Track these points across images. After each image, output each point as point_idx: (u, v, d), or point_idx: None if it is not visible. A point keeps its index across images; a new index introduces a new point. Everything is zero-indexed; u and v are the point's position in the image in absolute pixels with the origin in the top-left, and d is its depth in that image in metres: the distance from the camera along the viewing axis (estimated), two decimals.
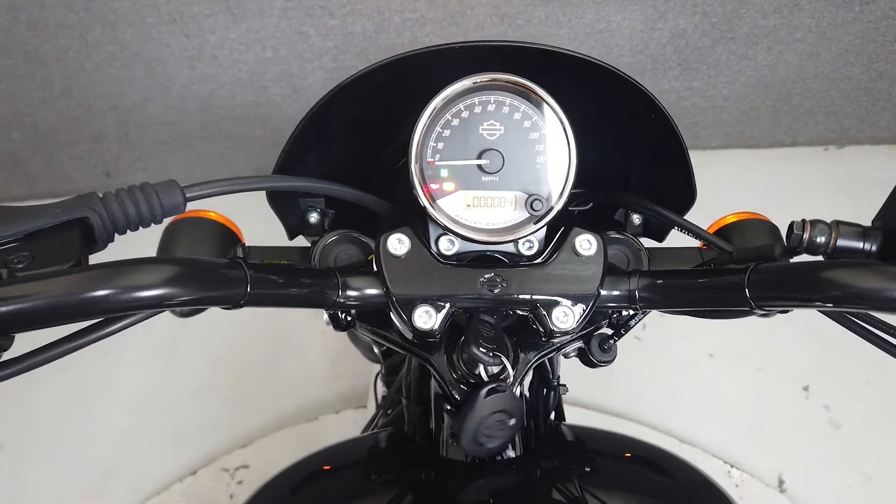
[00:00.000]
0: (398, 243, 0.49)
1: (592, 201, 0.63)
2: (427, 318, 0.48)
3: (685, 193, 0.60)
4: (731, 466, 1.52)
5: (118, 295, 0.35)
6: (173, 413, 1.69)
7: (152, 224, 0.44)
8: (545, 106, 0.50)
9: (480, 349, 0.50)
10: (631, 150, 0.62)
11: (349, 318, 0.57)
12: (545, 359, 0.66)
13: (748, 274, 0.43)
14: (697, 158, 0.41)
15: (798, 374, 1.70)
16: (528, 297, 0.49)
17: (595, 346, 0.59)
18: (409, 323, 0.48)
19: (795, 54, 2.03)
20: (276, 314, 1.80)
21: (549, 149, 0.50)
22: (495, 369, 0.54)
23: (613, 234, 0.58)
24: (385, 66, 0.52)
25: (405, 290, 0.49)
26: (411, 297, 0.48)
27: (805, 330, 1.71)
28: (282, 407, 1.69)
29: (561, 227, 0.52)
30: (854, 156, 2.24)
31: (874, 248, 0.40)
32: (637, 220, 0.64)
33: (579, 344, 0.60)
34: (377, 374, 1.09)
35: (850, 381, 1.68)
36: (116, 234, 0.42)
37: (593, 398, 1.66)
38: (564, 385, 0.68)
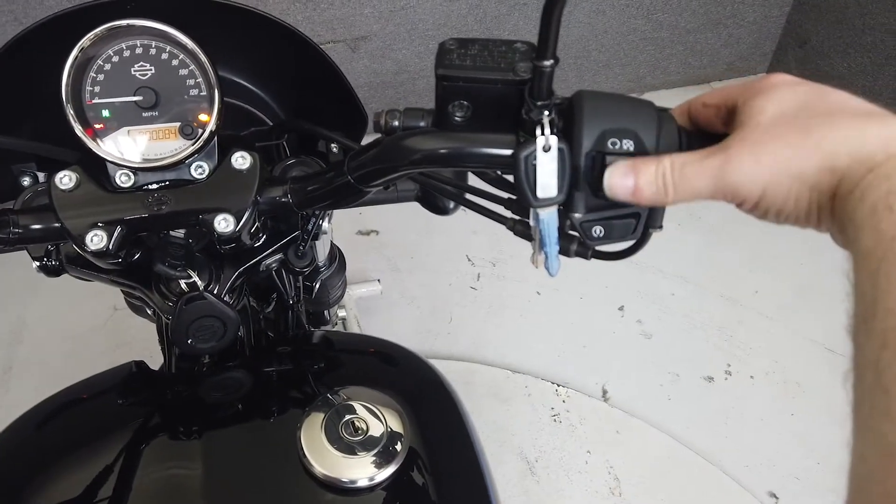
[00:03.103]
0: (67, 179, 0.55)
1: (286, 132, 0.72)
2: (98, 240, 0.54)
3: (361, 119, 0.70)
4: (559, 385, 1.68)
5: None
6: None
7: None
8: (192, 45, 0.57)
9: (165, 265, 0.58)
10: (306, 87, 0.71)
11: (56, 263, 0.63)
12: (272, 278, 0.74)
13: (347, 161, 0.52)
14: None
15: (614, 296, 1.89)
16: (192, 209, 0.57)
17: (292, 255, 0.68)
18: (82, 246, 0.54)
19: (584, 13, 2.23)
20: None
21: (201, 83, 0.58)
22: (198, 283, 0.61)
23: (291, 161, 0.67)
24: (55, 20, 0.58)
25: (75, 219, 0.55)
26: (82, 224, 0.55)
27: None
28: None
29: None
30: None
31: (430, 123, 0.50)
32: (335, 149, 0.73)
33: (279, 255, 0.68)
34: None
35: (658, 296, 1.89)
36: None
37: (434, 347, 1.77)
38: (301, 303, 0.77)
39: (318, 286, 0.84)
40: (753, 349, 1.78)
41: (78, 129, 0.55)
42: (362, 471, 0.56)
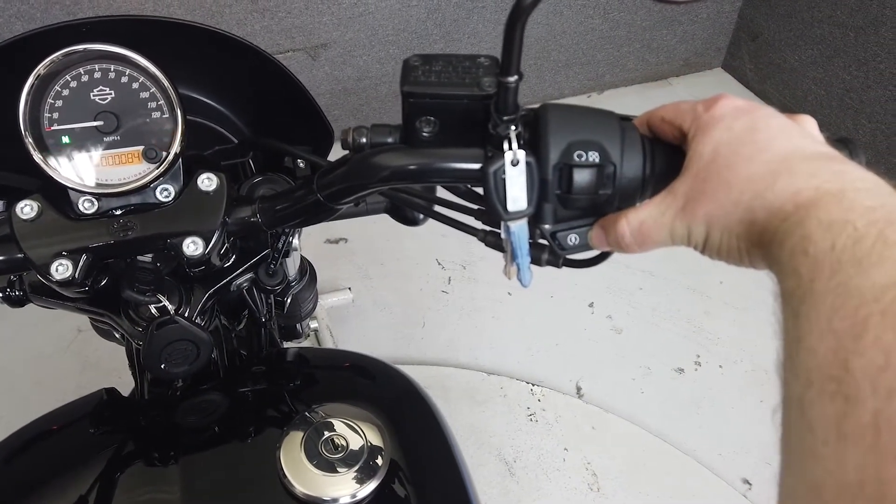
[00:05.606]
0: (28, 209, 0.54)
1: (252, 150, 0.71)
2: (64, 269, 0.53)
3: (327, 133, 0.70)
4: (533, 385, 1.69)
5: None
6: None
7: None
8: (151, 68, 0.57)
9: (134, 291, 0.57)
10: (269, 102, 0.71)
11: (21, 293, 0.61)
12: (243, 296, 0.73)
13: (315, 179, 0.52)
14: None
15: (584, 294, 1.92)
16: (159, 234, 0.56)
17: (263, 273, 0.67)
18: (48, 276, 0.53)
19: (542, 14, 2.25)
20: None
21: (162, 105, 0.57)
22: (169, 307, 0.60)
23: (258, 178, 0.66)
24: (9, 46, 0.57)
25: (39, 249, 0.53)
26: (46, 254, 0.53)
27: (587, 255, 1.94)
28: None
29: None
30: (613, 98, 2.53)
31: (398, 139, 0.51)
32: (302, 164, 0.73)
33: (250, 275, 0.67)
34: None
35: (626, 291, 1.92)
36: None
37: (408, 353, 1.77)
38: (273, 319, 0.76)
39: (289, 301, 0.84)
40: (721, 339, 1.82)
41: (37, 157, 0.54)
42: (344, 488, 0.56)
